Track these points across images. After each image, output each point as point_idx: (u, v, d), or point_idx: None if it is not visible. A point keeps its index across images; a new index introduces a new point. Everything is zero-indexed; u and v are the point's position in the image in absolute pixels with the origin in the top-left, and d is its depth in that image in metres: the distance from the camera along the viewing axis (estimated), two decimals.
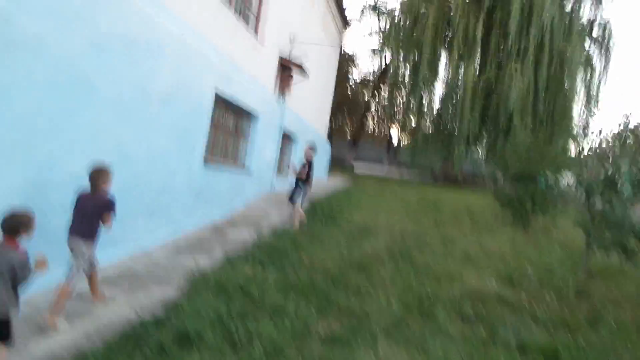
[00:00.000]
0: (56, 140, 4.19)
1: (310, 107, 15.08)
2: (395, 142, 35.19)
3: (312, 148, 8.79)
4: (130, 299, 4.37)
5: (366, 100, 36.70)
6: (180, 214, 6.76)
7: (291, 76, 11.27)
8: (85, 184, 3.82)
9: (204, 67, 7.04)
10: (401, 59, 20.09)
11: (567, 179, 8.91)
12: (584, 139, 10.78)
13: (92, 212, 3.77)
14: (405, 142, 35.16)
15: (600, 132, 6.94)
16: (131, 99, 5.27)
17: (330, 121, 19.83)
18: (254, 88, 9.32)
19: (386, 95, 35.96)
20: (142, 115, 5.53)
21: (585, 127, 17.87)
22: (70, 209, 3.82)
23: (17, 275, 2.75)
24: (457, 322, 4.26)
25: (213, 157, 8.20)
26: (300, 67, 11.02)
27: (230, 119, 8.89)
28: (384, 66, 29.29)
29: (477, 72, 16.75)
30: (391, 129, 37.90)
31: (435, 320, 4.20)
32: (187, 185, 6.90)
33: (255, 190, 10.11)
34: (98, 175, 3.80)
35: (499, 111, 16.35)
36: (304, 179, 8.42)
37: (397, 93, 25.75)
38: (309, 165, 8.52)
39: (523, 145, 9.56)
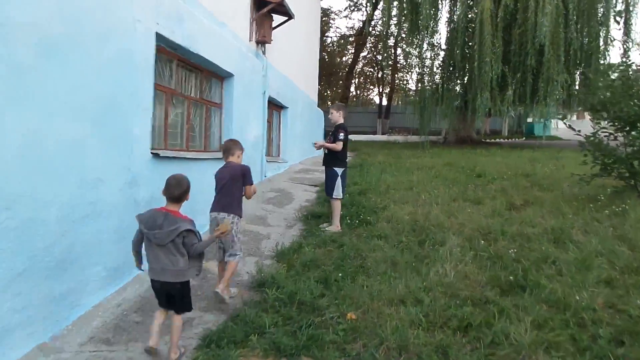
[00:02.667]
0: None
1: (297, 65, 11.84)
2: (386, 104, 32.01)
3: (338, 108, 5.81)
4: None
5: (348, 62, 33.22)
6: (116, 258, 3.69)
7: (270, 16, 8.05)
8: None
9: None
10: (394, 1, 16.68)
11: None
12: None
13: (229, 182, 3.67)
14: (401, 103, 31.99)
15: None
16: None
17: None
18: (221, 33, 6.14)
19: (373, 51, 32.60)
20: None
21: (626, 56, 14.85)
22: None
23: (187, 243, 2.69)
24: None
25: (167, 142, 5.10)
26: (280, 1, 7.79)
27: (191, 81, 5.75)
28: (365, 18, 25.83)
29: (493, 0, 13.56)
30: (382, 91, 34.69)
31: None
32: (125, 199, 3.83)
33: None
34: (229, 146, 3.87)
35: (524, 46, 13.29)
36: (332, 152, 5.59)
37: (387, 45, 22.43)
38: (335, 132, 5.61)
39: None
